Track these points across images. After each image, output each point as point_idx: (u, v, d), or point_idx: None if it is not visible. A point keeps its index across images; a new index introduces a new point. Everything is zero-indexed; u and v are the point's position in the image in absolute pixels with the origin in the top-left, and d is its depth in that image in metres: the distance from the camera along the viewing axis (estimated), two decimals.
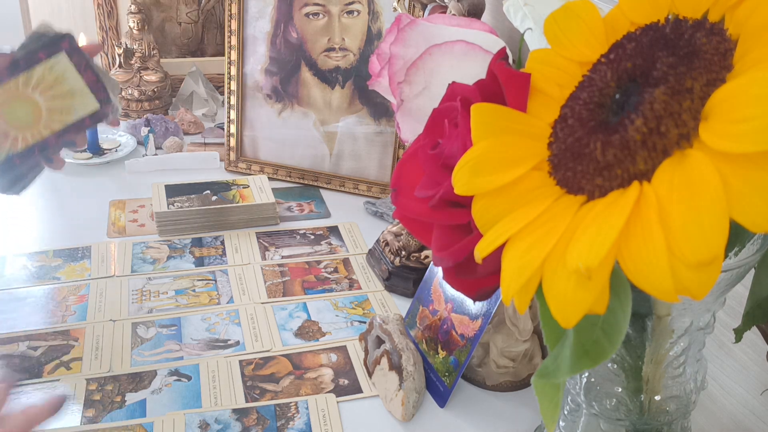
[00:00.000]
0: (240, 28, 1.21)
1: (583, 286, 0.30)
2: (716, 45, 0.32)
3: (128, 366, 0.84)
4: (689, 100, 0.31)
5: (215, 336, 0.89)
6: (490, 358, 0.81)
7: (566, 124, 0.36)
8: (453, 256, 0.40)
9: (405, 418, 0.77)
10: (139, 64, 1.41)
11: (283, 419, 0.77)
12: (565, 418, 0.57)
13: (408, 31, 0.51)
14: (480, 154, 0.37)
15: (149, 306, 0.93)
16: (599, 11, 0.38)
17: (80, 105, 0.73)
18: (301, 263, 1.03)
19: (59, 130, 0.73)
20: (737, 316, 0.65)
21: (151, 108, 1.41)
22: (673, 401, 0.52)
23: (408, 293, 0.96)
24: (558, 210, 0.33)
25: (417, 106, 0.50)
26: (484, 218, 0.36)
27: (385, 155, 1.19)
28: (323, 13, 1.17)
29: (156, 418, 0.76)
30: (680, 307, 0.47)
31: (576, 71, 0.38)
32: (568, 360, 0.34)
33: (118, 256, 1.03)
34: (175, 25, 1.48)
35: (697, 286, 0.28)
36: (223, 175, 1.24)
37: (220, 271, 1.01)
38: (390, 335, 0.81)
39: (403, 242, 0.97)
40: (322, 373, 0.84)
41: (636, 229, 0.29)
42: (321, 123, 1.21)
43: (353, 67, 1.18)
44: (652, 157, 0.31)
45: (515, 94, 0.39)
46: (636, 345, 0.47)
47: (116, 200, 1.16)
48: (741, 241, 0.41)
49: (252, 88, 1.23)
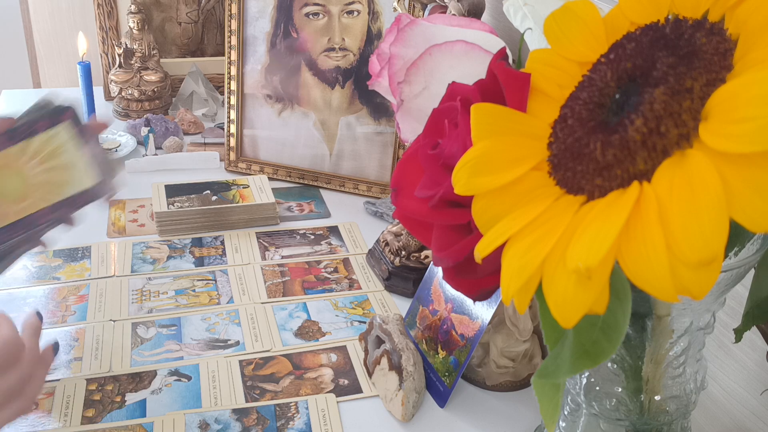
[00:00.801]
0: (240, 28, 1.21)
1: (582, 286, 0.30)
2: (716, 45, 0.32)
3: (128, 366, 0.84)
4: (689, 100, 0.31)
5: (215, 336, 0.89)
6: (490, 358, 0.81)
7: (566, 124, 0.36)
8: (453, 256, 0.40)
9: (405, 418, 0.77)
10: (139, 64, 1.40)
11: (283, 419, 0.77)
12: (565, 418, 0.57)
13: (408, 31, 0.51)
14: (480, 154, 0.37)
15: (149, 306, 0.93)
16: (599, 11, 0.38)
17: (77, 180, 0.68)
18: (301, 263, 1.03)
19: (50, 205, 0.66)
20: (737, 316, 0.65)
21: (151, 108, 1.41)
22: (673, 401, 0.52)
23: (408, 293, 0.96)
24: (558, 210, 0.33)
25: (417, 106, 0.50)
26: (484, 218, 0.36)
27: (385, 155, 1.19)
28: (323, 13, 1.17)
29: (156, 418, 0.76)
30: (680, 307, 0.47)
31: (576, 71, 0.38)
32: (568, 360, 0.34)
33: (118, 256, 1.03)
34: (175, 25, 1.48)
35: (697, 286, 0.28)
36: (223, 175, 1.24)
37: (220, 271, 1.01)
38: (390, 335, 0.81)
39: (403, 242, 0.97)
40: (322, 373, 0.84)
41: (636, 229, 0.29)
42: (321, 123, 1.21)
43: (353, 67, 1.18)
44: (652, 157, 0.31)
45: (515, 94, 0.39)
46: (636, 345, 0.47)
47: (116, 200, 1.16)
48: (741, 241, 0.41)
49: (252, 88, 1.23)
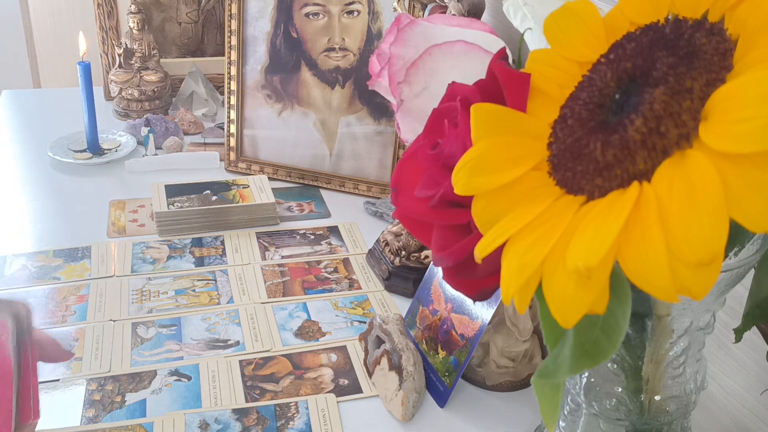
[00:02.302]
0: (240, 28, 1.21)
1: (582, 286, 0.30)
2: (716, 45, 0.32)
3: (128, 366, 0.84)
4: (689, 100, 0.31)
5: (215, 336, 0.89)
6: (490, 358, 0.81)
7: (566, 124, 0.36)
8: (453, 256, 0.40)
9: (405, 418, 0.77)
10: (139, 64, 1.40)
11: (283, 419, 0.77)
12: (565, 418, 0.57)
13: (408, 31, 0.51)
14: (480, 154, 0.37)
15: (149, 306, 0.93)
16: (599, 11, 0.38)
17: None
18: (301, 263, 1.03)
19: None
20: (737, 316, 0.65)
21: (151, 108, 1.41)
22: (673, 401, 0.52)
23: (408, 293, 0.96)
24: (558, 210, 0.33)
25: (417, 106, 0.50)
26: (484, 218, 0.36)
27: (385, 155, 1.19)
28: (323, 13, 1.17)
29: (156, 418, 0.76)
30: (680, 307, 0.47)
31: (576, 71, 0.38)
32: (568, 360, 0.34)
33: (118, 256, 1.03)
34: (175, 25, 1.48)
35: (697, 286, 0.28)
36: (223, 175, 1.24)
37: (220, 271, 1.01)
38: (390, 335, 0.81)
39: (403, 242, 0.97)
40: (322, 373, 0.84)
41: (636, 229, 0.29)
42: (321, 123, 1.21)
43: (353, 67, 1.18)
44: (651, 157, 0.31)
45: (515, 94, 0.39)
46: (636, 345, 0.47)
47: (116, 200, 1.16)
48: (741, 241, 0.41)
49: (252, 88, 1.23)
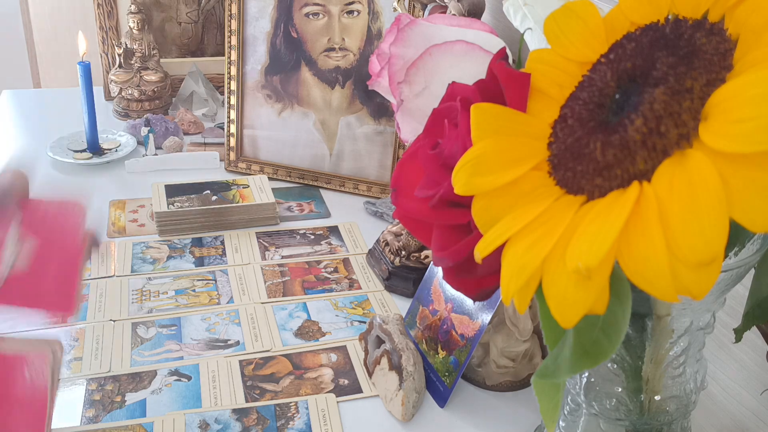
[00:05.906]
0: (240, 28, 1.21)
1: (582, 286, 0.30)
2: (716, 45, 0.32)
3: (128, 366, 0.84)
4: (689, 100, 0.31)
5: (215, 336, 0.89)
6: (490, 358, 0.81)
7: (566, 124, 0.36)
8: (453, 256, 0.40)
9: (405, 418, 0.77)
10: (139, 64, 1.40)
11: (283, 419, 0.77)
12: (565, 418, 0.57)
13: (408, 31, 0.51)
14: (480, 154, 0.37)
15: (149, 306, 0.93)
16: (599, 11, 0.38)
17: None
18: (301, 263, 1.03)
19: None
20: (737, 316, 0.65)
21: (151, 108, 1.41)
22: (673, 401, 0.52)
23: (408, 293, 0.96)
24: (558, 210, 0.33)
25: (417, 106, 0.50)
26: (484, 218, 0.36)
27: (385, 155, 1.19)
28: (323, 13, 1.17)
29: (156, 418, 0.76)
30: (680, 307, 0.47)
31: (576, 71, 0.38)
32: (568, 360, 0.34)
33: (118, 256, 1.03)
34: (175, 25, 1.48)
35: (697, 286, 0.28)
36: (223, 175, 1.24)
37: (220, 271, 1.01)
38: (390, 335, 0.81)
39: (403, 242, 0.97)
40: (322, 373, 0.84)
41: (636, 229, 0.29)
42: (321, 123, 1.21)
43: (353, 67, 1.18)
44: (651, 157, 0.31)
45: (515, 94, 0.39)
46: (636, 345, 0.47)
47: (116, 200, 1.16)
48: (741, 241, 0.41)
49: (252, 88, 1.23)
